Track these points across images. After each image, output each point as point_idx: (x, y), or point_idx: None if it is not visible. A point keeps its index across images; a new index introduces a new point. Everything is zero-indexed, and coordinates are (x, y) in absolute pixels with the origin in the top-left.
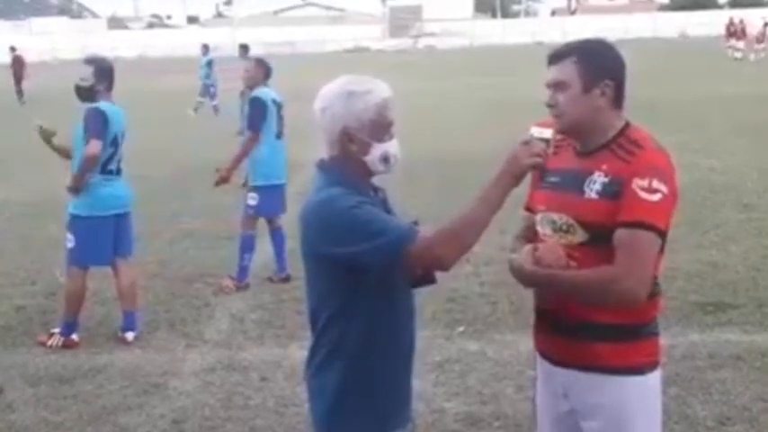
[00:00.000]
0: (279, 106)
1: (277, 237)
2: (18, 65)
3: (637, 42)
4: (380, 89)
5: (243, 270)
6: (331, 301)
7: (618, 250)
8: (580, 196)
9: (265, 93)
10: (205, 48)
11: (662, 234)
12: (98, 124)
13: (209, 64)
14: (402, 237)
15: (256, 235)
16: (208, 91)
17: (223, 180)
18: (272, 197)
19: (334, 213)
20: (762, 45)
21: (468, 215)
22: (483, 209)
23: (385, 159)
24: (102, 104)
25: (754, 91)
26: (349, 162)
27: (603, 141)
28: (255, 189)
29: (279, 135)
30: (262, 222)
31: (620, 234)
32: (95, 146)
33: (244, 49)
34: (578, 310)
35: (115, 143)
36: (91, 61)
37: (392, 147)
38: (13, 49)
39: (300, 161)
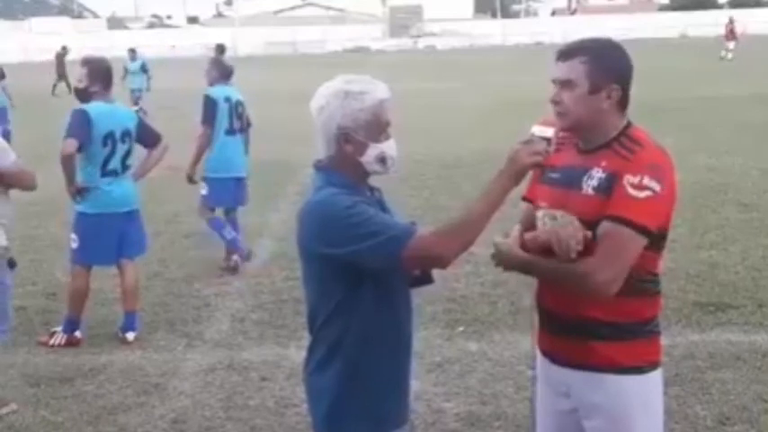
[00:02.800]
0: (236, 104)
1: (231, 224)
2: (59, 61)
3: (637, 42)
4: (377, 89)
5: (232, 243)
6: (329, 300)
7: (598, 242)
8: (578, 192)
9: (217, 91)
10: (132, 52)
11: (647, 232)
12: (76, 125)
13: (144, 69)
14: (400, 235)
15: (217, 216)
16: (136, 98)
17: (189, 179)
18: (221, 188)
19: (332, 214)
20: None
21: (468, 213)
22: (482, 207)
23: (381, 160)
24: (91, 105)
25: (754, 91)
26: (345, 162)
27: (605, 140)
28: (205, 180)
29: (231, 131)
30: (262, 226)
31: (603, 226)
32: (67, 145)
33: (220, 48)
34: (578, 310)
35: (111, 142)
36: (86, 62)
37: (388, 147)
38: (64, 48)
39: (301, 162)
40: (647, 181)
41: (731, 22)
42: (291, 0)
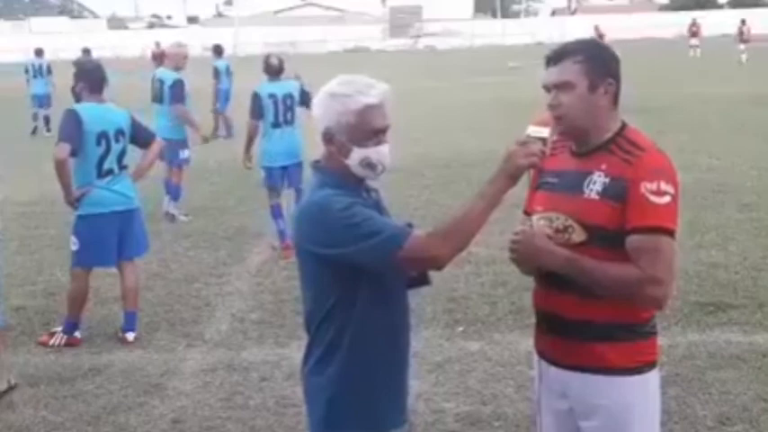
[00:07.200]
0: (284, 98)
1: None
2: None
3: (637, 42)
4: (367, 94)
5: (280, 234)
6: (326, 300)
7: (643, 256)
8: (580, 196)
9: (262, 88)
10: (38, 52)
11: (674, 235)
12: (66, 127)
13: (50, 70)
14: (395, 236)
15: (280, 204)
16: (42, 103)
17: (244, 165)
18: (273, 175)
19: (327, 215)
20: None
21: (464, 215)
22: (478, 208)
23: (368, 165)
24: (82, 105)
25: (754, 91)
26: (335, 162)
27: (601, 142)
28: (262, 168)
29: (276, 124)
30: (262, 225)
31: (640, 239)
32: (60, 149)
33: (217, 49)
34: (576, 311)
35: (105, 142)
36: (74, 63)
37: (375, 153)
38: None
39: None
40: (664, 186)
41: (694, 23)
42: (291, 0)
